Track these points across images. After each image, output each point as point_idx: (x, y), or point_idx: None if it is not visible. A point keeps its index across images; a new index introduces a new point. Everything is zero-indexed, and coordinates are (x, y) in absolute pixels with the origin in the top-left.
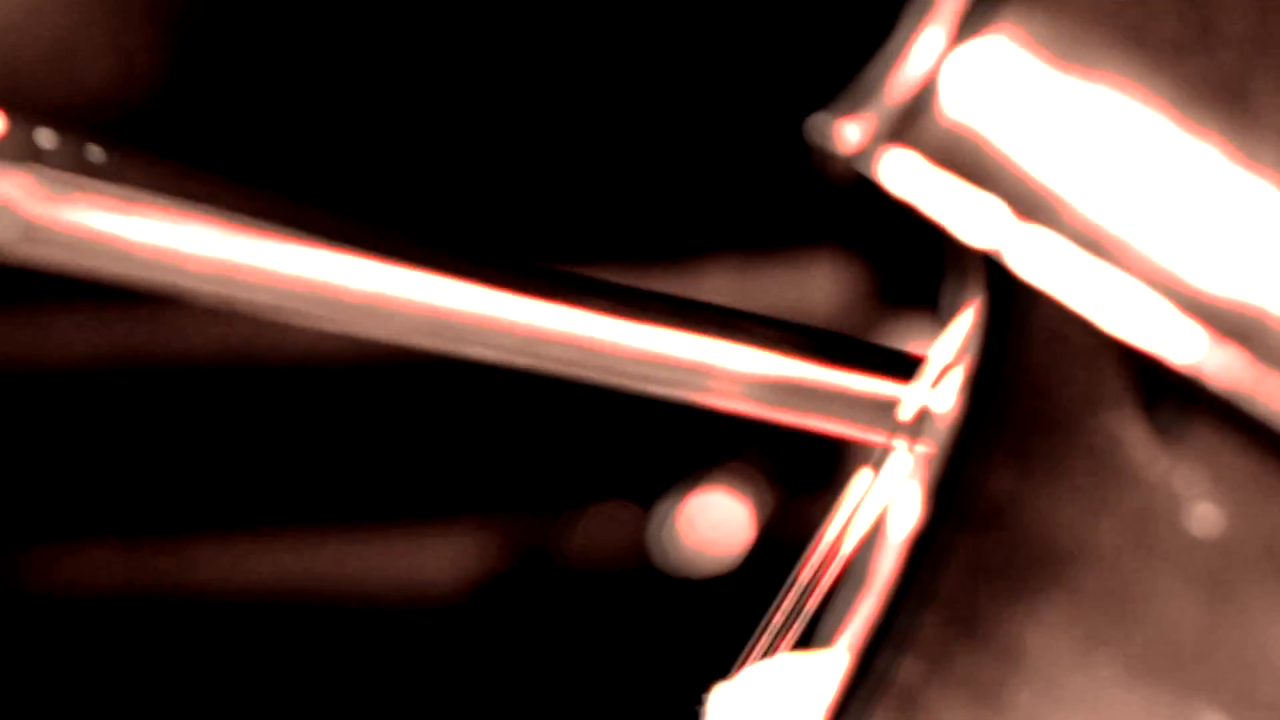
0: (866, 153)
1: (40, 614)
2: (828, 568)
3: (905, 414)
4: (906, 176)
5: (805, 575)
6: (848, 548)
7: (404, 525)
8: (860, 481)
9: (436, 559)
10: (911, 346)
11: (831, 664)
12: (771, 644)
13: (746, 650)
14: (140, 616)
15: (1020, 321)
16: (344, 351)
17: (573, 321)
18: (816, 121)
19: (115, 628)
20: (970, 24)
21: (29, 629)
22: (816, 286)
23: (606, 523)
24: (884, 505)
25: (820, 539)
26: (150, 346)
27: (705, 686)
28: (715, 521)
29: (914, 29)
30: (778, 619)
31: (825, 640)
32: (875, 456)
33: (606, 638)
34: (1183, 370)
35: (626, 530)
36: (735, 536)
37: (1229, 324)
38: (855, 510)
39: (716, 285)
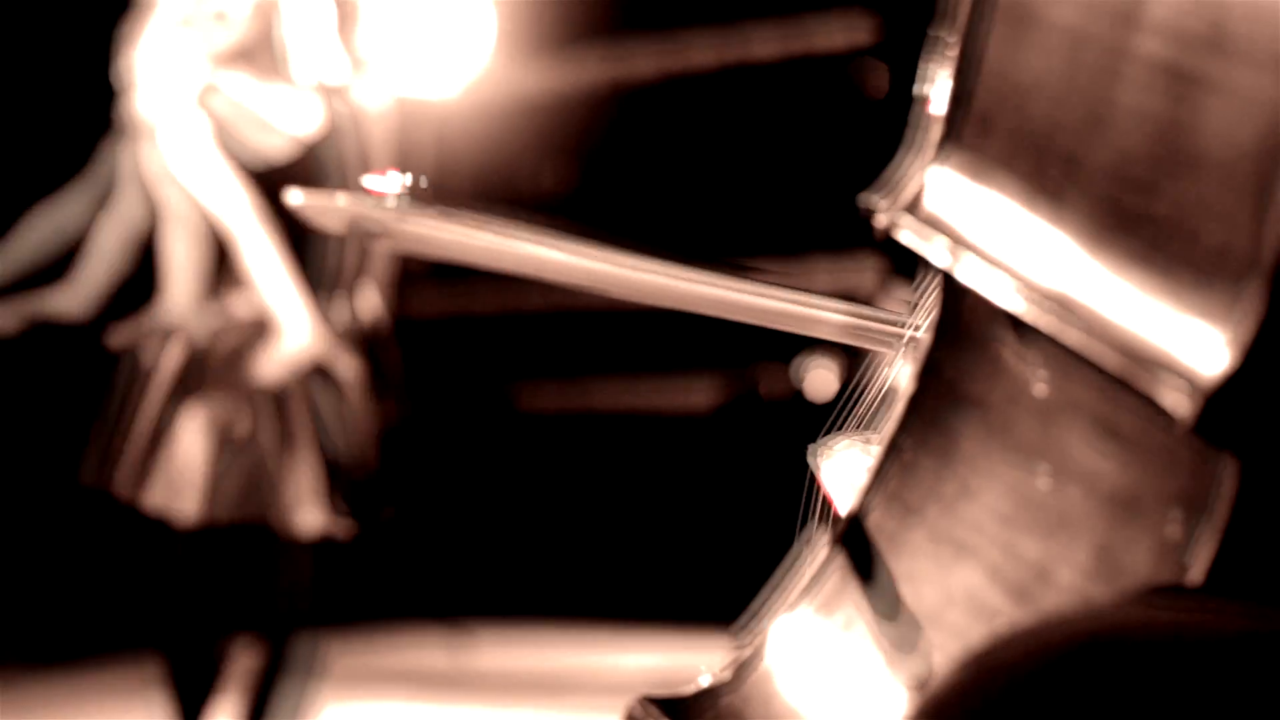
0: (887, 218)
1: None
2: (878, 395)
3: (910, 333)
4: (905, 231)
5: (866, 398)
6: (886, 386)
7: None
8: (891, 360)
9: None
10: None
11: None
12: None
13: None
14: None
15: (960, 299)
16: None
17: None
18: (863, 199)
19: None
20: (939, 156)
21: None
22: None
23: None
24: (898, 372)
25: (875, 383)
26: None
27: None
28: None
29: (911, 156)
30: (854, 418)
31: (876, 428)
32: (895, 350)
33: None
34: (1031, 321)
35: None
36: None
37: (1050, 302)
38: (889, 370)
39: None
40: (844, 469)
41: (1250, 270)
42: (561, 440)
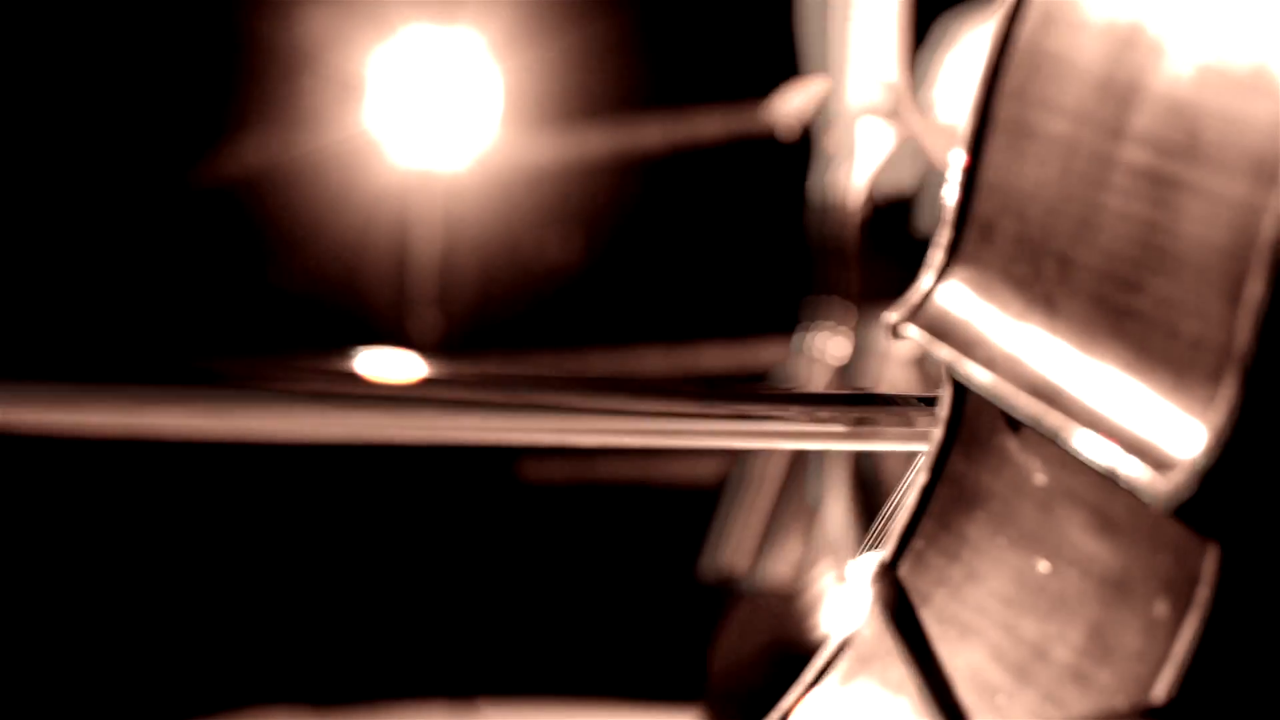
0: (895, 318)
1: None
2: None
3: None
4: (912, 330)
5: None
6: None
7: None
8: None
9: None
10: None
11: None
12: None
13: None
14: None
15: (965, 395)
16: None
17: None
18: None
19: None
20: (944, 261)
21: None
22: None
23: None
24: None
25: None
26: None
27: None
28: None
29: (924, 278)
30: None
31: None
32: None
33: None
34: (1025, 415)
35: None
36: None
37: (1044, 395)
38: (917, 462)
39: None
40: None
41: (1225, 362)
42: (566, 511)
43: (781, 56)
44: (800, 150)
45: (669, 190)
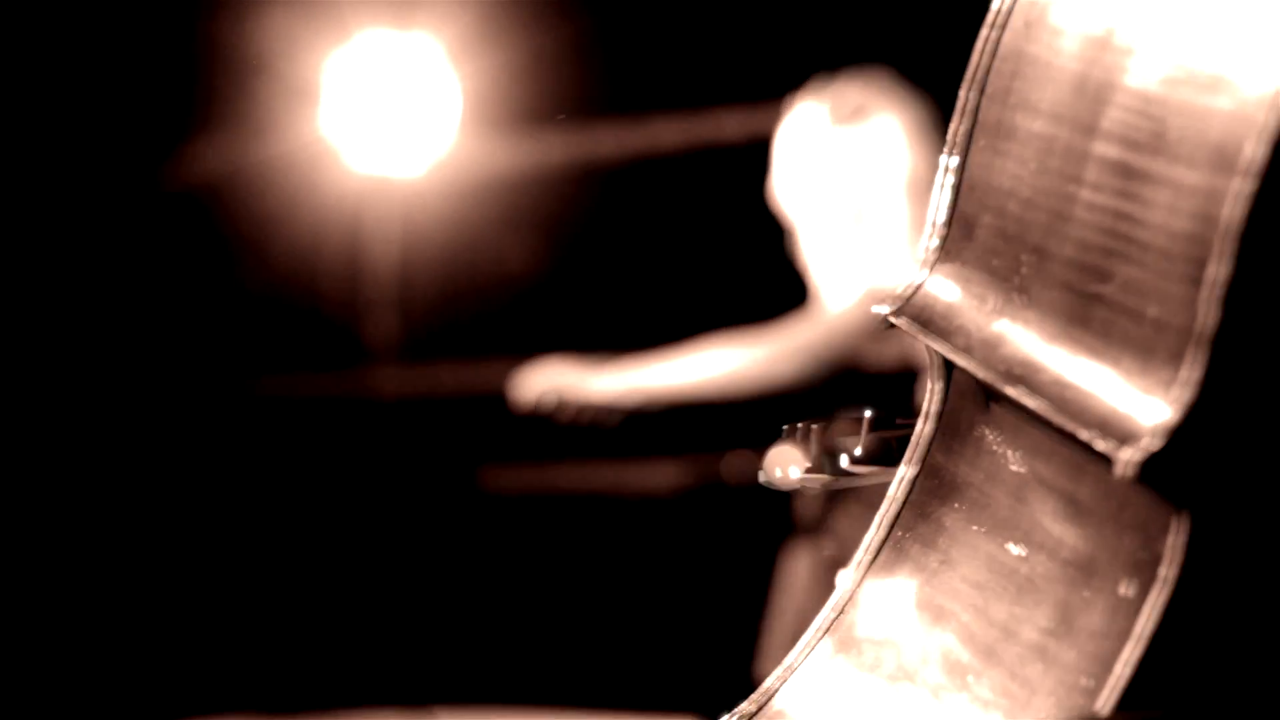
0: (884, 309)
1: None
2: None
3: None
4: (900, 320)
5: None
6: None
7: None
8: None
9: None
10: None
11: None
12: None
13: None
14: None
15: (947, 386)
16: None
17: None
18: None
19: None
20: (930, 255)
21: None
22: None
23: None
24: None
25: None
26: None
27: None
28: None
29: (911, 273)
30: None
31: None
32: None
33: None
34: (1001, 390)
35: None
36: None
37: (1020, 374)
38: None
39: None
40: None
41: (1187, 342)
42: (526, 522)
43: (740, 63)
44: (758, 157)
45: (627, 197)
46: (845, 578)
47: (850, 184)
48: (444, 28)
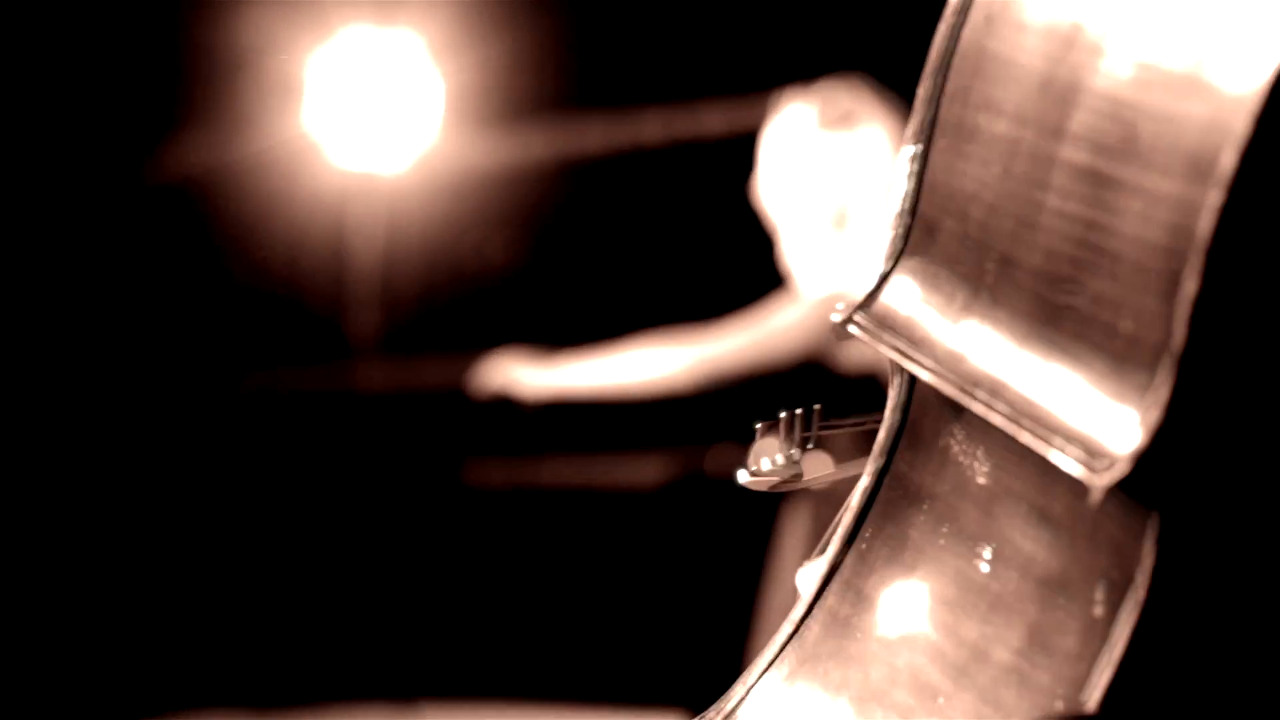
0: (842, 316)
1: None
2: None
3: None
4: (858, 328)
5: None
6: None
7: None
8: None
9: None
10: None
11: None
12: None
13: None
14: None
15: (910, 395)
16: None
17: None
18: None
19: None
20: (889, 259)
21: None
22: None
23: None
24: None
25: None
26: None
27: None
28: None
29: (869, 277)
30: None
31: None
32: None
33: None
34: (965, 405)
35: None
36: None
37: (987, 389)
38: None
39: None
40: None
41: (1160, 357)
42: (510, 516)
43: (721, 59)
44: (738, 152)
45: (609, 192)
46: (804, 577)
47: (834, 189)
48: (426, 24)
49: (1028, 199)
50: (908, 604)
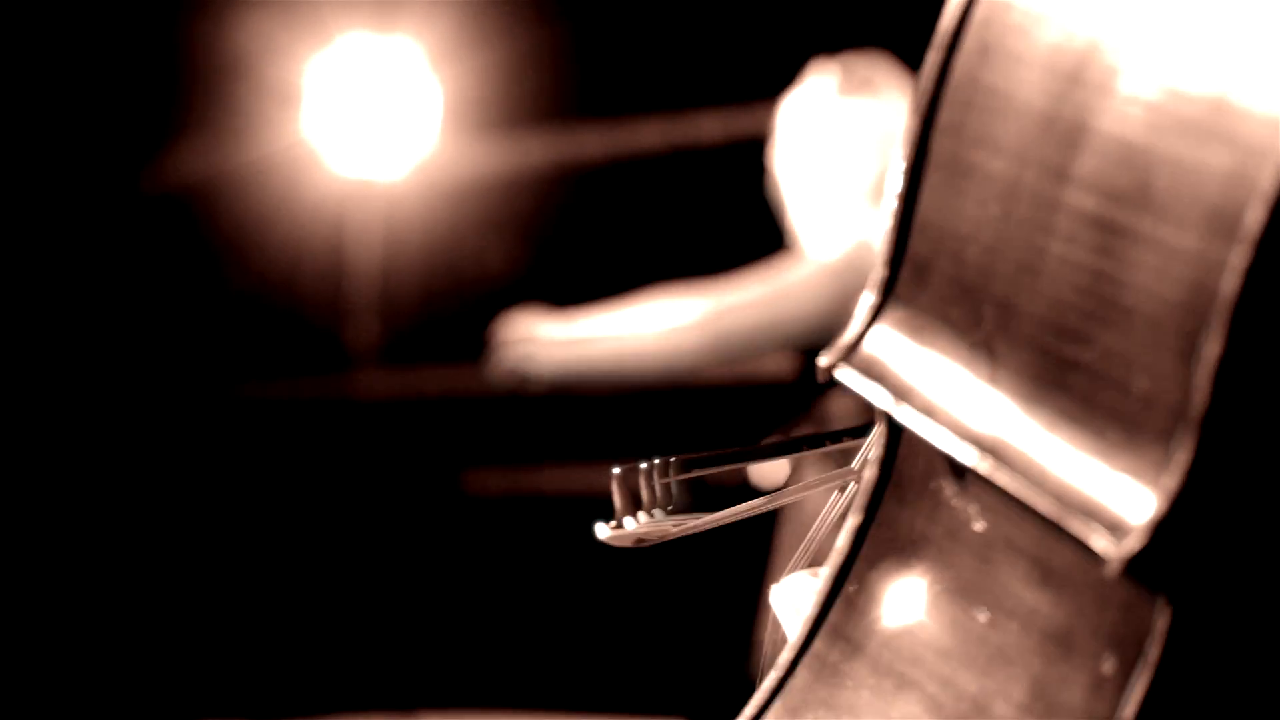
0: (827, 361)
1: None
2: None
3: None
4: (845, 372)
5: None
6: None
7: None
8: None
9: None
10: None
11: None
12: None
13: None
14: None
15: (900, 438)
16: None
17: None
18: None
19: None
20: (876, 315)
21: None
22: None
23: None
24: (845, 502)
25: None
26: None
27: None
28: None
29: (856, 319)
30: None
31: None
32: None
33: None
34: (968, 466)
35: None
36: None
37: (985, 449)
38: (838, 499)
39: None
40: (793, 596)
41: (1179, 422)
42: (509, 524)
43: (719, 66)
44: (737, 159)
45: (608, 199)
46: (778, 595)
47: (857, 156)
48: (425, 31)
49: (1029, 244)
50: (901, 652)
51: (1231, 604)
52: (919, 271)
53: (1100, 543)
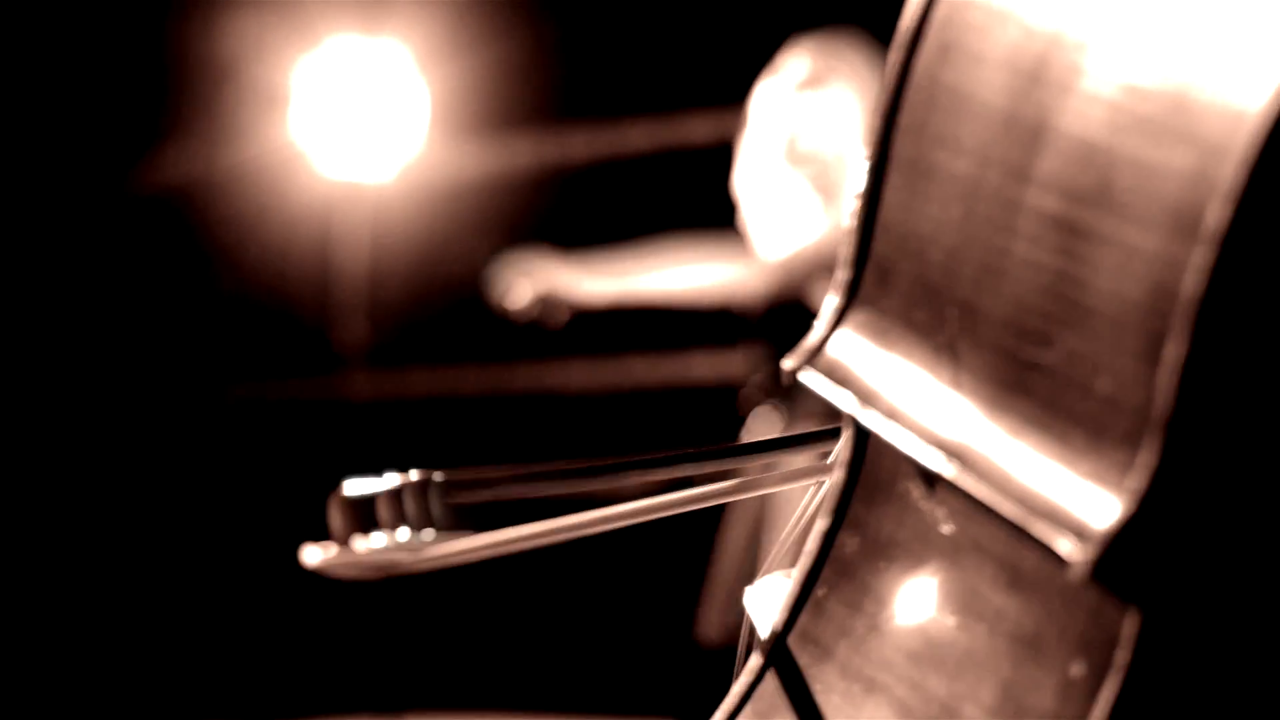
0: (792, 364)
1: None
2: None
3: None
4: (809, 375)
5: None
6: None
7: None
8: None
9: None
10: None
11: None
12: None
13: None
14: None
15: (866, 441)
16: None
17: None
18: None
19: None
20: (840, 318)
21: None
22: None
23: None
24: (815, 505)
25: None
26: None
27: None
28: None
29: (820, 322)
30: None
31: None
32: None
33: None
34: (934, 470)
35: None
36: None
37: (951, 453)
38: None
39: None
40: (766, 598)
41: (1143, 424)
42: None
43: (706, 68)
44: (724, 159)
45: (595, 200)
46: (752, 597)
47: (810, 150)
48: (413, 33)
49: (992, 245)
50: (870, 656)
51: (1201, 609)
52: (882, 274)
53: (1065, 547)
